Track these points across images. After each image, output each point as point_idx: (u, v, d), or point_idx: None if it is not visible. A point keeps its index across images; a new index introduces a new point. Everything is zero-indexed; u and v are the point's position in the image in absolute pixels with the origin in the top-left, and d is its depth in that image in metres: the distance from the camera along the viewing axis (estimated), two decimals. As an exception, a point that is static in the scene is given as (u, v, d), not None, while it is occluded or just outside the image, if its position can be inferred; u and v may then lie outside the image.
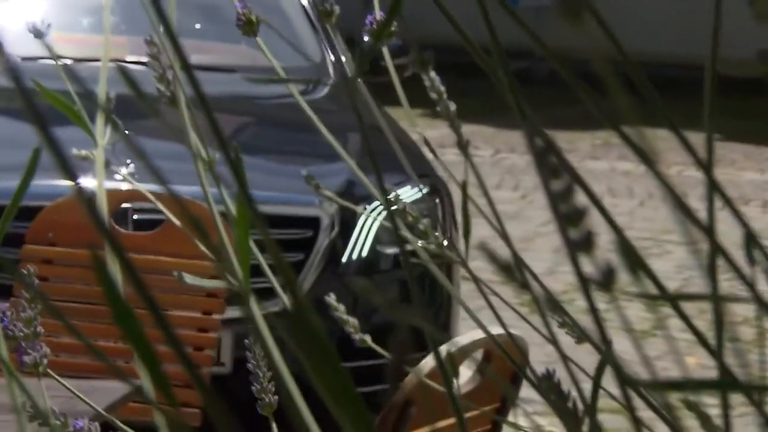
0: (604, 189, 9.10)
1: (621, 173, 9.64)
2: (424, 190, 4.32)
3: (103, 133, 1.06)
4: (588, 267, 0.54)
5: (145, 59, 1.10)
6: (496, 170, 9.57)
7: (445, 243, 4.37)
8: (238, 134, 4.67)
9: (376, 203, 4.03)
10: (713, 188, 0.55)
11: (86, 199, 0.60)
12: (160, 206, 1.44)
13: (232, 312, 3.46)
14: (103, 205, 1.00)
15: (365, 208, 3.90)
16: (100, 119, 1.05)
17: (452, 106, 0.96)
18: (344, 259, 4.18)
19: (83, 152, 1.16)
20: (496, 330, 1.06)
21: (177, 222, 1.21)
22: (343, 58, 5.00)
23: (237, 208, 0.91)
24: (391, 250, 4.20)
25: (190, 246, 3.36)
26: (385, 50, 1.11)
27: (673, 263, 7.23)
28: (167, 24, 0.70)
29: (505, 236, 0.88)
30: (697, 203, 0.66)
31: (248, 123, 4.87)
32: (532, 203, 8.56)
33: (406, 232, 0.94)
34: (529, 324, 1.08)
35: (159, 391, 0.50)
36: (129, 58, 4.49)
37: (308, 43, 5.15)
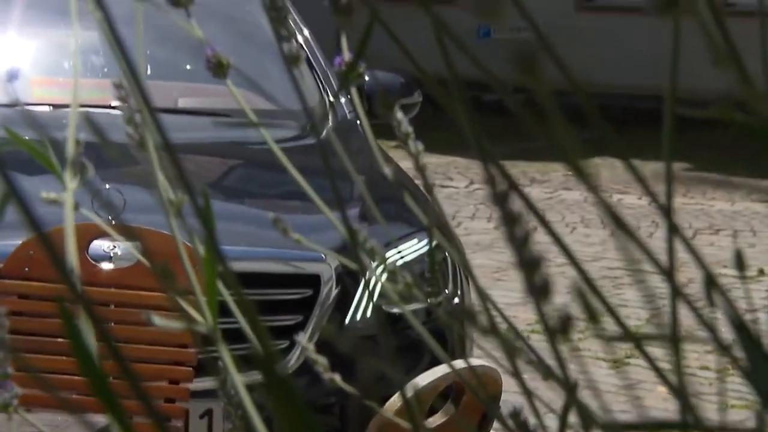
0: (577, 219, 9.14)
1: (594, 203, 9.68)
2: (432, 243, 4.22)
3: (73, 176, 1.06)
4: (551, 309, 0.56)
5: (74, 100, 1.11)
6: (470, 201, 9.59)
7: (456, 300, 4.34)
8: (231, 181, 4.43)
9: (390, 253, 3.85)
10: (673, 229, 0.57)
11: (49, 245, 0.61)
12: (117, 237, 1.44)
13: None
14: (72, 253, 1.00)
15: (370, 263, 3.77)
16: (69, 162, 1.05)
17: (420, 146, 0.96)
18: (347, 321, 3.82)
19: (52, 195, 1.15)
20: (474, 362, 1.07)
21: (140, 257, 1.21)
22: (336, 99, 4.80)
23: (204, 255, 0.91)
24: (399, 309, 4.09)
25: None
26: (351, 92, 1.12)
27: (645, 292, 7.25)
28: (130, 66, 0.72)
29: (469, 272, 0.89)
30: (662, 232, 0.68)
31: (243, 169, 4.58)
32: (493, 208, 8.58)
33: (407, 292, 0.92)
34: (499, 357, 1.10)
35: None
36: (113, 102, 4.43)
37: (305, 84, 5.09)
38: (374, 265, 0.94)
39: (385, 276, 0.91)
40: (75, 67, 1.26)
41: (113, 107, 4.57)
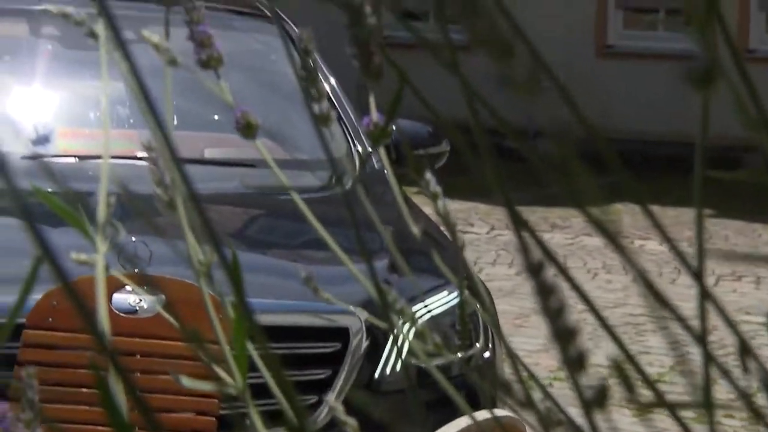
0: (599, 265, 9.13)
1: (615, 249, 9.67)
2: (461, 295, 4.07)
3: (103, 238, 1.06)
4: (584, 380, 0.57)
5: (105, 151, 1.12)
6: (492, 247, 9.59)
7: (486, 354, 4.29)
8: (257, 231, 4.40)
9: (418, 306, 3.80)
10: (705, 297, 0.57)
11: (75, 296, 0.62)
12: (137, 289, 1.45)
13: None
14: (104, 315, 1.01)
15: (408, 308, 3.68)
16: (100, 225, 1.06)
17: (448, 204, 0.97)
18: (377, 374, 3.74)
19: (83, 257, 1.14)
20: (498, 413, 1.07)
21: (161, 311, 1.22)
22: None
23: (234, 316, 0.92)
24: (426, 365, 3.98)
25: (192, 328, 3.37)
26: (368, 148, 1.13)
27: (669, 338, 7.24)
28: (158, 120, 0.73)
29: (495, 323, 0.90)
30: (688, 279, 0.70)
31: (269, 219, 4.53)
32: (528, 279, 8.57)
33: (436, 347, 0.92)
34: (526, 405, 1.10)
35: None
36: (139, 154, 4.38)
37: (333, 134, 5.00)
38: (402, 323, 0.94)
39: (413, 334, 0.91)
40: (105, 127, 1.27)
41: (139, 158, 4.56)
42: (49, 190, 1.12)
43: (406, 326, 0.94)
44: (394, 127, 0.93)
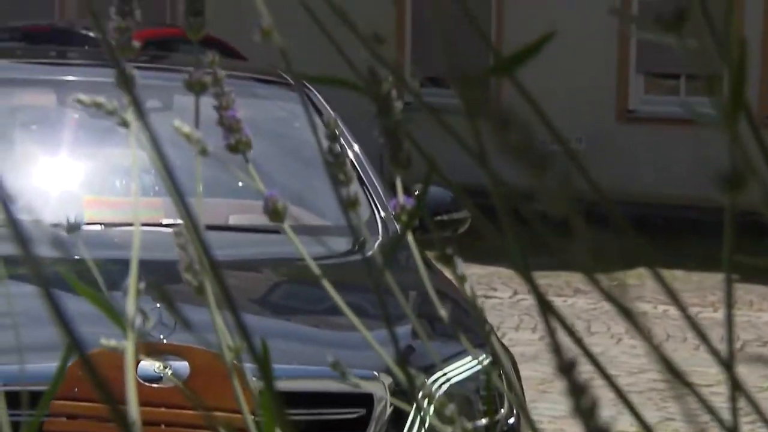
0: (623, 330, 9.10)
1: (638, 314, 9.64)
2: (485, 362, 3.86)
3: (133, 326, 1.06)
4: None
5: (135, 221, 1.14)
6: (514, 311, 9.57)
7: (511, 420, 4.25)
8: (280, 297, 4.39)
9: (439, 374, 3.78)
10: (731, 379, 0.58)
11: (95, 375, 0.63)
12: (152, 360, 1.45)
13: None
14: (133, 407, 1.01)
15: (425, 381, 3.57)
16: (130, 307, 1.06)
17: (469, 269, 0.98)
18: None
19: (112, 342, 1.14)
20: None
21: (176, 382, 1.23)
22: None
23: (263, 401, 0.92)
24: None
25: (217, 397, 3.38)
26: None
27: (691, 406, 7.20)
28: (182, 201, 0.75)
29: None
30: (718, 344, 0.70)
31: (292, 285, 4.51)
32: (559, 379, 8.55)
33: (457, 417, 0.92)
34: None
35: None
36: (165, 221, 4.26)
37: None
38: (424, 394, 0.95)
39: (435, 403, 0.92)
40: (136, 222, 1.27)
41: (164, 225, 4.54)
42: (77, 257, 1.13)
43: (428, 397, 0.95)
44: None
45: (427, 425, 4.19)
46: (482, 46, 0.71)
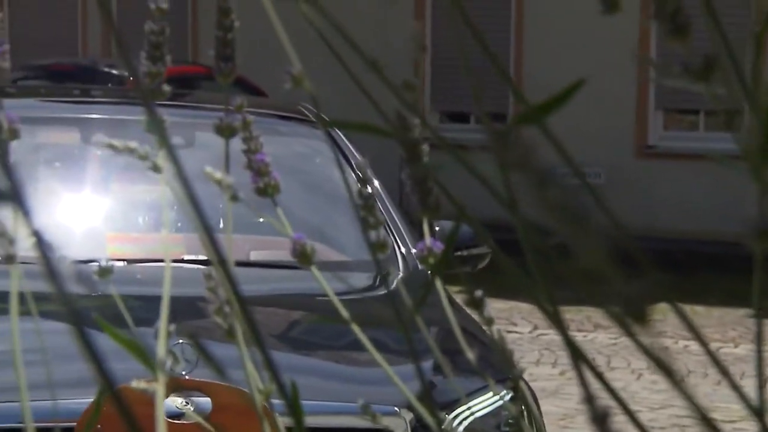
0: (643, 365, 9.08)
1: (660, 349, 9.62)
2: (507, 397, 3.88)
3: (163, 367, 1.07)
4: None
5: (202, 257, 1.16)
6: (534, 346, 9.56)
7: None
8: (301, 333, 4.38)
9: (462, 409, 3.79)
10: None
11: (126, 412, 0.65)
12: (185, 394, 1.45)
13: None
14: None
15: (446, 417, 3.62)
16: (160, 349, 1.06)
17: (490, 304, 1.00)
18: None
19: (142, 384, 1.15)
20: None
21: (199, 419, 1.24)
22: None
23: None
24: None
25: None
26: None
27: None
28: (204, 222, 0.76)
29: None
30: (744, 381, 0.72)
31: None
32: (571, 380, 8.54)
33: None
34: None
35: None
36: (186, 257, 4.30)
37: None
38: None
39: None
40: (167, 259, 1.28)
41: (185, 261, 4.53)
42: (100, 294, 1.14)
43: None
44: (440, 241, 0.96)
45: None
46: (501, 80, 0.73)
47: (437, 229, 1.05)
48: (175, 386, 3.47)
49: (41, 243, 0.68)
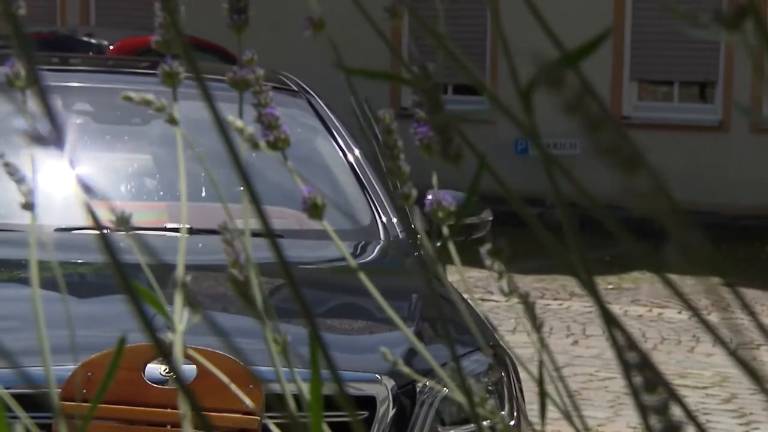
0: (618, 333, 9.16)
1: (634, 317, 9.72)
2: (489, 362, 3.94)
3: (181, 316, 1.09)
4: None
5: (182, 226, 1.19)
6: (511, 314, 9.63)
7: (512, 423, 4.29)
8: (283, 302, 4.34)
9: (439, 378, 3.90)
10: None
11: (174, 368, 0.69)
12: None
13: None
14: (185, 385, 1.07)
15: (427, 384, 3.61)
16: (178, 301, 1.09)
17: (467, 272, 1.03)
18: None
19: (169, 336, 1.12)
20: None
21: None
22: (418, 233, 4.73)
23: (311, 390, 0.95)
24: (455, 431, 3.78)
25: (222, 398, 3.45)
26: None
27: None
28: (253, 193, 0.81)
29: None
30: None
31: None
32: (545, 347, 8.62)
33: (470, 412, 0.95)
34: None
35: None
36: (169, 225, 4.31)
37: (357, 205, 4.81)
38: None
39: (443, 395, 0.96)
40: (183, 224, 1.30)
41: (168, 230, 4.55)
42: (80, 261, 1.17)
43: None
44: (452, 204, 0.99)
45: (430, 421, 4.21)
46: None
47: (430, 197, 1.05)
48: (164, 352, 3.51)
49: (94, 213, 0.72)
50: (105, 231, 0.62)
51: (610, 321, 0.58)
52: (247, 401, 3.25)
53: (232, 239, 0.98)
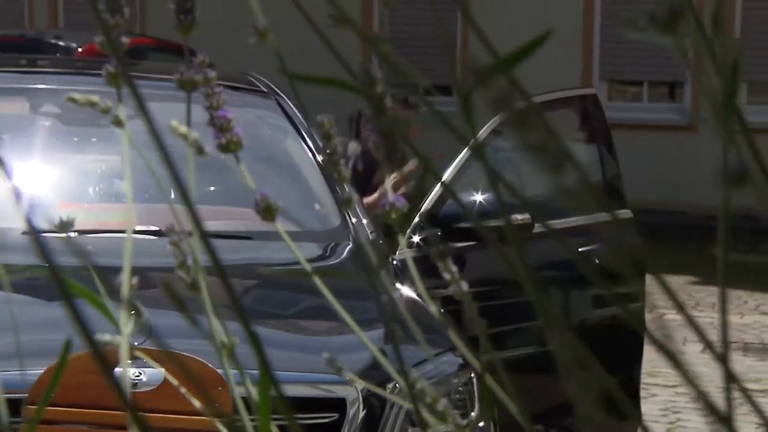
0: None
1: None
2: (460, 363, 3.94)
3: (126, 322, 1.09)
4: None
5: (154, 228, 1.17)
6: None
7: (481, 424, 4.26)
8: (252, 302, 4.31)
9: (414, 375, 3.88)
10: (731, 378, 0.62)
11: (103, 363, 0.68)
12: (151, 362, 1.46)
13: None
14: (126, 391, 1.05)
15: (396, 386, 3.59)
16: (123, 310, 1.08)
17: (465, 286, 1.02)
18: None
19: (107, 337, 1.16)
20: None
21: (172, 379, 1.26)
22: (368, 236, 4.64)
23: (259, 392, 0.95)
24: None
25: (189, 402, 3.42)
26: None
27: (658, 406, 7.31)
28: (186, 197, 0.80)
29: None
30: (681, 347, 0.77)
31: (265, 291, 4.48)
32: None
33: (429, 415, 0.95)
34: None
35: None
36: (138, 228, 4.24)
37: (327, 206, 4.78)
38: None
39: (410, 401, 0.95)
40: (129, 227, 1.29)
41: (137, 232, 4.52)
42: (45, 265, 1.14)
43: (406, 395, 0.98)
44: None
45: (400, 422, 4.18)
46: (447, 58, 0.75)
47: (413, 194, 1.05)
48: (132, 355, 3.48)
49: (29, 217, 0.72)
50: (40, 234, 0.61)
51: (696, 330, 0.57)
52: (215, 404, 3.22)
53: (179, 240, 0.97)
